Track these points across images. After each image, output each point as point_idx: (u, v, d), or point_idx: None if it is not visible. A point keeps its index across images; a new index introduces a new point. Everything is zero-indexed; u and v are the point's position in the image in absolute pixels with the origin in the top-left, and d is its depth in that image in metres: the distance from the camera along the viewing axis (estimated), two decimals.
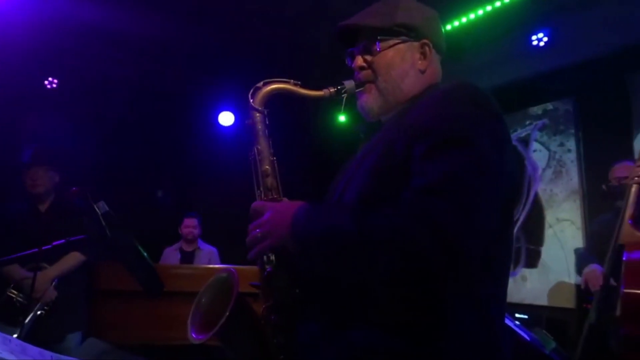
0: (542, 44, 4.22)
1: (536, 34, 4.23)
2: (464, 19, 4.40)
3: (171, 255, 4.60)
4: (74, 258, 3.03)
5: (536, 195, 4.64)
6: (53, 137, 4.11)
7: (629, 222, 2.30)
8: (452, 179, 0.93)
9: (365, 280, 0.99)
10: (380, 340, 0.96)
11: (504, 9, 4.11)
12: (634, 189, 2.39)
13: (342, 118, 6.12)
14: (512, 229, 1.11)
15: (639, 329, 2.01)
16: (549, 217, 4.54)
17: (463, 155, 0.95)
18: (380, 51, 1.19)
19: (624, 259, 2.18)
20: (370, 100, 1.21)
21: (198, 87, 5.29)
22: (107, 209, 1.93)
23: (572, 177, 4.43)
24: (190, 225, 4.61)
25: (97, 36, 4.35)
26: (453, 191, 0.91)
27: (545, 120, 4.66)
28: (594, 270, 2.62)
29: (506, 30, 4.22)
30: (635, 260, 2.12)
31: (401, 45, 1.19)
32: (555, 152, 4.56)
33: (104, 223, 1.89)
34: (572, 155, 4.46)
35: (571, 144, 4.48)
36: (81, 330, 3.10)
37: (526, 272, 4.59)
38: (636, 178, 2.39)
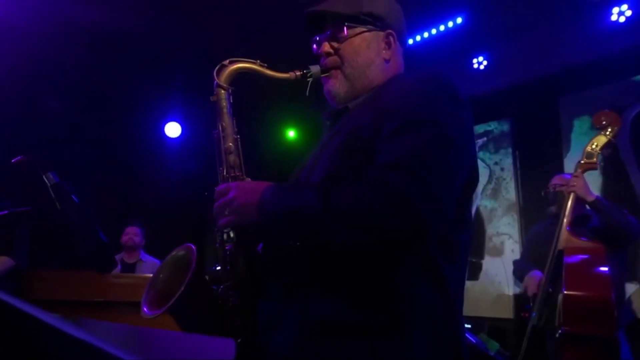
0: (482, 67, 4.48)
1: (477, 57, 4.49)
2: (409, 41, 4.61)
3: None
4: (1, 263, 2.80)
5: (477, 210, 4.85)
6: None
7: (567, 228, 2.46)
8: (416, 155, 0.96)
9: (329, 254, 1.00)
10: (340, 314, 0.98)
11: (447, 33, 4.33)
12: (571, 197, 2.55)
13: (291, 134, 6.15)
14: (470, 214, 1.15)
15: (578, 327, 2.13)
16: (489, 231, 4.75)
17: (428, 134, 0.98)
18: (347, 38, 1.20)
19: (564, 263, 2.31)
20: (336, 85, 1.22)
21: (144, 96, 5.14)
22: (58, 180, 1.79)
23: (510, 193, 4.68)
24: (130, 233, 4.35)
25: (39, 37, 4.15)
26: (416, 165, 0.94)
27: (485, 139, 4.92)
28: (534, 277, 2.76)
29: (449, 53, 4.45)
30: (574, 264, 2.26)
31: (367, 34, 1.21)
32: (494, 170, 4.81)
33: (53, 195, 1.75)
34: (509, 173, 4.72)
35: (508, 162, 4.75)
36: None
37: (468, 284, 4.76)
38: (572, 187, 2.56)
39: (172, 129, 5.40)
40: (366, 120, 1.07)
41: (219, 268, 1.14)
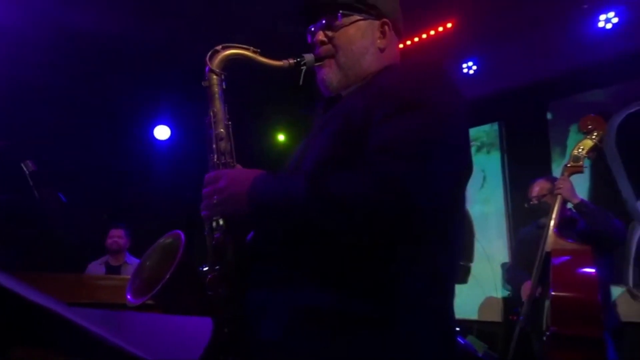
0: (471, 71, 4.52)
1: (466, 62, 4.53)
2: (400, 45, 4.63)
3: (96, 270, 4.29)
4: None
5: (467, 213, 4.87)
6: None
7: (554, 230, 2.48)
8: (407, 139, 0.94)
9: (319, 242, 0.99)
10: (330, 302, 0.96)
11: (437, 38, 4.36)
12: (557, 200, 2.58)
13: (281, 137, 6.14)
14: (464, 205, 1.13)
15: (566, 328, 2.14)
16: (478, 234, 4.78)
17: (420, 118, 0.97)
18: (341, 26, 1.19)
19: (551, 265, 2.33)
20: (329, 74, 1.20)
21: (134, 99, 5.11)
22: (35, 168, 1.75)
23: (499, 196, 4.72)
24: (114, 236, 4.28)
25: (27, 41, 4.11)
26: (407, 149, 0.93)
27: (474, 143, 4.95)
28: (527, 283, 2.76)
29: (439, 58, 4.48)
30: (561, 266, 2.28)
31: (362, 22, 1.19)
32: (485, 174, 4.84)
33: (31, 183, 1.71)
34: (499, 176, 4.76)
35: (497, 165, 4.78)
36: None
37: (457, 287, 4.75)
38: (558, 189, 2.58)
39: (162, 132, 5.36)
40: (359, 107, 1.05)
41: (206, 269, 1.12)
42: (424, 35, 4.44)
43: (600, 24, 3.69)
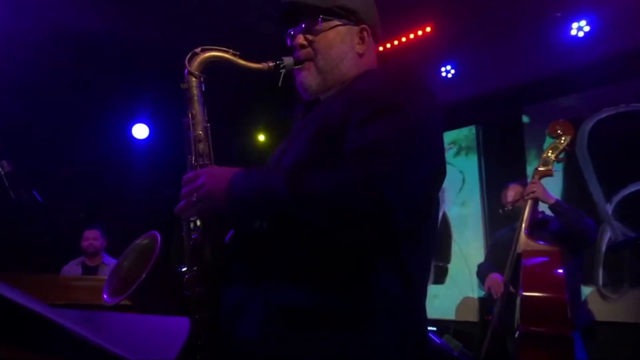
0: (449, 75, 4.60)
1: (445, 66, 4.60)
2: (380, 49, 4.68)
3: (72, 271, 4.22)
4: None
5: (444, 214, 4.95)
6: None
7: (525, 232, 2.55)
8: (383, 141, 0.97)
9: (294, 241, 1.01)
10: (305, 302, 0.99)
11: (416, 42, 4.42)
12: (529, 202, 2.65)
13: (261, 137, 6.14)
14: (437, 208, 1.17)
15: (535, 327, 2.21)
16: (455, 235, 4.86)
17: (397, 121, 0.99)
18: (321, 31, 1.20)
19: (521, 265, 2.39)
20: (308, 77, 1.22)
21: (112, 97, 5.05)
22: (10, 168, 1.73)
23: (476, 198, 4.81)
24: (90, 237, 4.22)
25: (1, 36, 4.04)
26: (382, 150, 0.95)
27: (452, 146, 5.04)
28: (495, 278, 2.84)
29: (417, 62, 4.55)
30: (531, 266, 2.35)
31: (341, 28, 1.21)
32: (463, 176, 4.93)
33: (7, 184, 1.69)
34: (475, 179, 4.85)
35: (474, 168, 4.87)
36: None
37: (434, 288, 4.85)
38: (530, 194, 2.66)
39: (140, 131, 5.32)
40: (337, 111, 1.08)
41: (184, 269, 1.13)
42: (403, 39, 4.50)
43: (573, 32, 3.80)
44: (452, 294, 4.75)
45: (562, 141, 2.60)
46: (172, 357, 0.79)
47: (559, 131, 2.61)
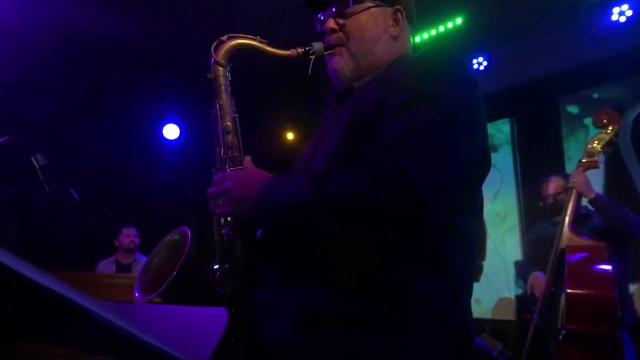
0: (482, 67, 4.47)
1: (477, 58, 4.48)
2: (410, 32, 4.59)
3: (106, 269, 4.32)
4: None
5: None
6: None
7: (569, 227, 2.43)
8: (416, 135, 0.91)
9: (326, 242, 0.96)
10: (337, 303, 0.93)
11: (447, 33, 4.32)
12: (572, 195, 2.53)
13: (289, 135, 6.13)
14: (480, 202, 1.09)
15: (581, 326, 2.10)
16: (490, 232, 4.72)
17: (430, 113, 0.93)
18: (353, 13, 1.14)
19: (565, 261, 2.28)
20: (341, 63, 1.16)
21: (142, 98, 5.13)
22: (46, 162, 1.74)
23: (510, 193, 4.66)
24: (131, 235, 4.35)
25: (36, 42, 4.15)
26: (416, 145, 0.90)
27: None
28: (537, 276, 2.73)
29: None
30: (576, 262, 2.24)
31: (374, 9, 1.15)
32: (497, 170, 4.79)
33: (41, 177, 1.70)
34: (511, 174, 4.70)
35: (509, 163, 4.72)
36: None
37: None
38: (573, 183, 2.54)
39: (170, 131, 5.38)
40: (370, 100, 1.01)
41: (216, 267, 1.10)
42: (434, 32, 4.41)
43: (614, 17, 3.63)
44: (488, 292, 4.62)
45: (609, 131, 2.48)
46: (211, 348, 0.76)
47: (604, 121, 2.49)
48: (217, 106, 1.13)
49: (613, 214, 2.55)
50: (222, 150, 1.11)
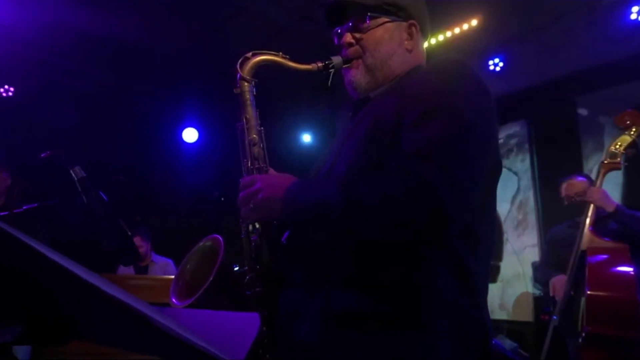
0: (498, 68, 4.47)
1: (492, 59, 4.48)
2: (425, 44, 4.60)
3: (125, 272, 4.41)
4: None
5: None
6: (7, 143, 3.95)
7: (590, 229, 2.43)
8: (438, 143, 0.96)
9: (352, 246, 1.01)
10: (362, 305, 0.98)
11: (463, 35, 4.33)
12: None
13: (306, 138, 6.17)
14: (494, 205, 1.14)
15: (602, 328, 2.10)
16: (507, 233, 4.70)
17: (450, 123, 0.98)
18: (369, 28, 1.19)
19: (586, 263, 2.28)
20: (358, 75, 1.21)
21: (162, 102, 5.21)
22: (84, 174, 1.80)
23: (528, 195, 4.63)
24: (139, 246, 4.36)
25: (58, 47, 4.25)
26: (439, 154, 0.94)
27: (502, 142, 4.88)
28: (561, 279, 2.71)
29: (464, 55, 4.43)
30: (597, 264, 2.23)
31: (390, 24, 1.20)
32: (514, 172, 4.77)
33: (80, 189, 1.76)
34: (527, 175, 4.67)
35: (526, 164, 4.70)
36: None
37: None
38: (590, 198, 2.52)
39: (190, 135, 5.46)
40: (388, 110, 1.06)
41: (237, 268, 1.15)
42: (449, 34, 4.42)
43: (633, 16, 3.61)
44: (505, 293, 4.61)
45: (632, 132, 2.46)
46: (246, 349, 0.80)
47: (627, 122, 2.47)
48: (244, 120, 1.18)
49: (635, 227, 2.50)
50: (249, 162, 1.16)
